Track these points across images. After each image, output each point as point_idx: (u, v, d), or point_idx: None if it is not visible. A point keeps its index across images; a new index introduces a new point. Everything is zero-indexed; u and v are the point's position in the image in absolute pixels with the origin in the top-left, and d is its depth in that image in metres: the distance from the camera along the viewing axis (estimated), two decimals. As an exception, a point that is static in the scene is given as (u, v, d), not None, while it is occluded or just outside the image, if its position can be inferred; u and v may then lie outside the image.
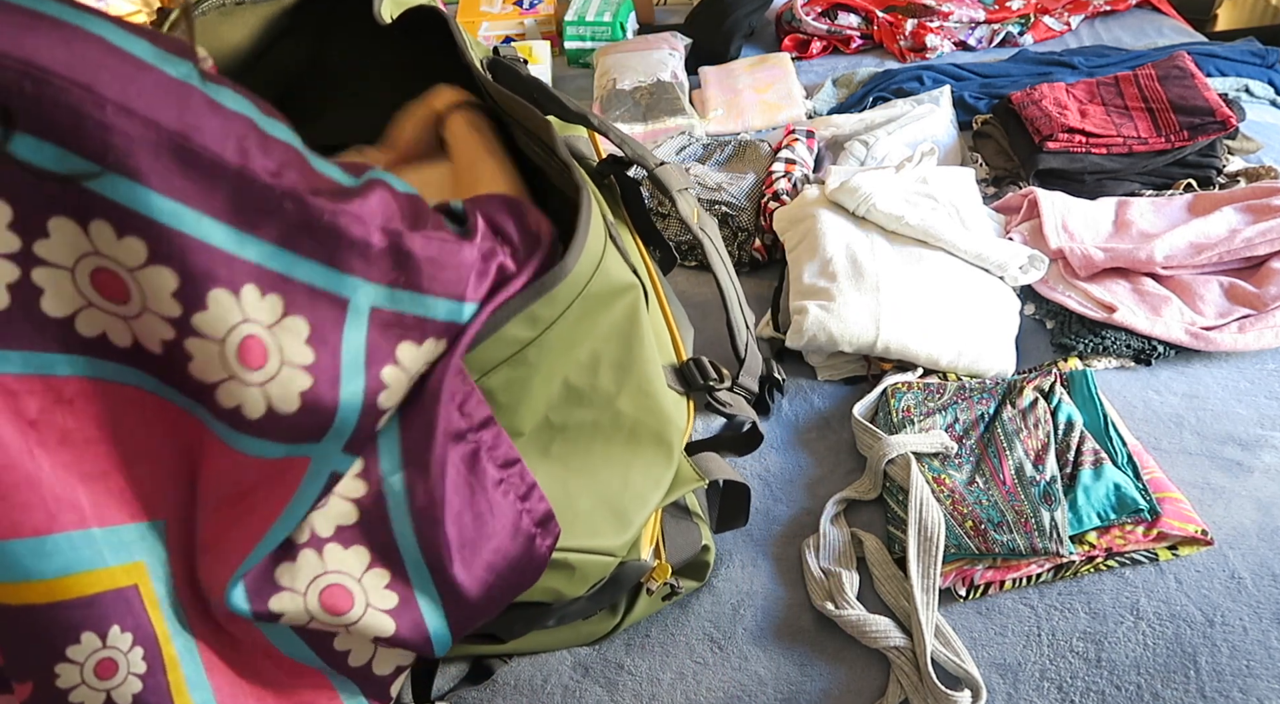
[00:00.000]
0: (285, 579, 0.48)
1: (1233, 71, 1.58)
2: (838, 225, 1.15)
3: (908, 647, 0.80)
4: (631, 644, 0.85)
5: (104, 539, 0.42)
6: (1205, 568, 0.84)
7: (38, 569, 0.40)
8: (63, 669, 0.42)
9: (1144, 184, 1.30)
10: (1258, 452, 0.95)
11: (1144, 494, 0.87)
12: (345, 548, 0.50)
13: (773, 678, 0.81)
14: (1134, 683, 0.77)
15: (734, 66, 1.83)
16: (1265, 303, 1.07)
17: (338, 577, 0.50)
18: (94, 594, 0.42)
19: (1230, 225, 1.15)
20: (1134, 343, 1.07)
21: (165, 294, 0.39)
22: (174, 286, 0.39)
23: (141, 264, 0.39)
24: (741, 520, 0.91)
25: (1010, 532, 0.85)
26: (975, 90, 1.60)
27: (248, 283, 0.41)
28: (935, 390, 1.02)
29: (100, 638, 0.43)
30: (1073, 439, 0.93)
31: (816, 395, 1.10)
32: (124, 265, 0.39)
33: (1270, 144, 1.38)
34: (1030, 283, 1.15)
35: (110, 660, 0.43)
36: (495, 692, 0.82)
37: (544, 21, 2.17)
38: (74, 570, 0.41)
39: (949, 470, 0.93)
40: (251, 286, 0.41)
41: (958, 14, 1.89)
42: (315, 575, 0.49)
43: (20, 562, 0.39)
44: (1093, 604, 0.83)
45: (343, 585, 0.50)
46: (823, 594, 0.86)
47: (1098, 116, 1.34)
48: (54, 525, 0.40)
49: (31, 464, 0.39)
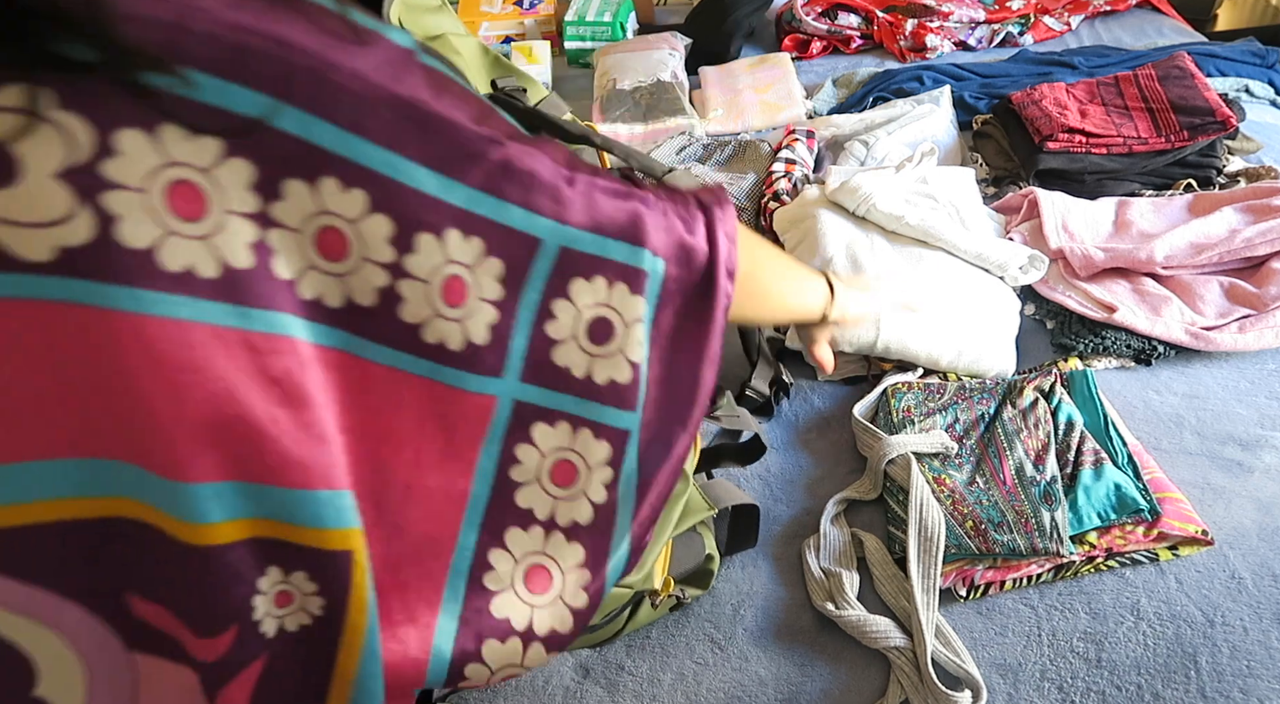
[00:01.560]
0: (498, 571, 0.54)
1: (1233, 71, 1.58)
2: (838, 225, 1.15)
3: (908, 647, 0.80)
4: (632, 645, 0.85)
5: (327, 502, 0.44)
6: (1205, 568, 0.84)
7: (248, 508, 0.42)
8: (258, 601, 0.45)
9: (1144, 184, 1.30)
10: (1258, 452, 0.95)
11: (1144, 494, 0.87)
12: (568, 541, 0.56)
13: (773, 678, 0.81)
14: (1134, 683, 0.77)
15: (734, 66, 1.83)
16: (1265, 303, 1.07)
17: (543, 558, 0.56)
18: (297, 543, 0.44)
19: (1230, 225, 1.15)
20: (1134, 343, 1.07)
21: (382, 241, 0.43)
22: (389, 233, 0.43)
23: (362, 214, 0.42)
24: (751, 541, 0.91)
25: (1010, 532, 0.85)
26: (975, 90, 1.60)
27: (451, 226, 0.45)
28: (935, 390, 1.02)
29: (284, 573, 0.45)
30: (1073, 439, 0.93)
31: (816, 395, 1.10)
32: (345, 217, 0.42)
33: (1270, 144, 1.38)
34: (1030, 283, 1.15)
35: (286, 593, 0.46)
36: (496, 692, 0.82)
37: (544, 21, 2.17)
38: (286, 521, 0.43)
39: (949, 470, 0.93)
40: (454, 229, 0.45)
41: (958, 14, 1.89)
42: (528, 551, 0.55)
43: (233, 502, 0.41)
44: (1093, 604, 0.83)
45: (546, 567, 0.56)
46: (823, 594, 0.86)
47: (1098, 116, 1.34)
48: (275, 479, 0.42)
49: (268, 419, 0.41)
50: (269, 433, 0.41)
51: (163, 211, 0.37)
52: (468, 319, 0.47)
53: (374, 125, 0.41)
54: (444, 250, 0.45)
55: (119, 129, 0.36)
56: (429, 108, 0.43)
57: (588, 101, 1.83)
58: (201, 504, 0.41)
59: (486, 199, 0.46)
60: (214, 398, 0.39)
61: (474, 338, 0.48)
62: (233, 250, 0.39)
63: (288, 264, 0.41)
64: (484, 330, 0.48)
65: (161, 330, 0.38)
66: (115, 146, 0.36)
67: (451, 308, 0.46)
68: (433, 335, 0.47)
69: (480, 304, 0.47)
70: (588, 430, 0.55)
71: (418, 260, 0.44)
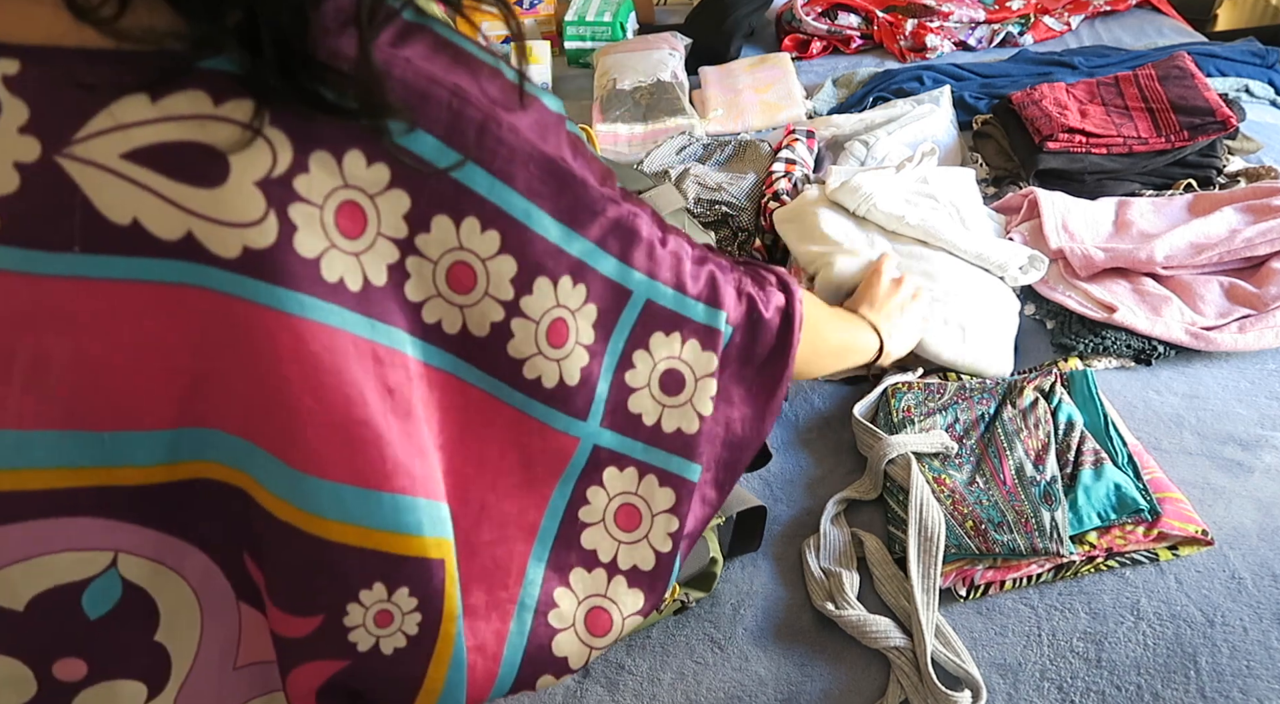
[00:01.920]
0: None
1: (1233, 71, 1.58)
2: (838, 225, 1.15)
3: (908, 647, 0.80)
4: (632, 645, 0.85)
5: (425, 510, 0.47)
6: (1205, 568, 0.84)
7: (362, 515, 0.45)
8: (353, 608, 0.47)
9: (1144, 184, 1.30)
10: (1258, 452, 0.95)
11: (1144, 494, 0.87)
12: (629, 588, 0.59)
13: (773, 678, 0.81)
14: (1134, 683, 0.77)
15: (734, 66, 1.83)
16: (1265, 303, 1.07)
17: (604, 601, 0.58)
18: (403, 555, 0.46)
19: (1230, 225, 1.15)
20: (1134, 343, 1.07)
21: (505, 280, 0.47)
22: (513, 273, 0.47)
23: (493, 254, 0.46)
24: (755, 544, 0.92)
25: (1010, 532, 0.85)
26: (975, 90, 1.60)
27: (565, 273, 0.49)
28: (935, 390, 1.02)
29: (388, 591, 0.47)
30: (1073, 439, 0.93)
31: (816, 395, 1.10)
32: (479, 255, 0.46)
33: (1270, 144, 1.38)
34: (1030, 283, 1.15)
35: (388, 613, 0.48)
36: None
37: (544, 21, 2.17)
38: (393, 529, 0.46)
39: (949, 470, 0.93)
40: (567, 276, 0.49)
41: (958, 14, 1.89)
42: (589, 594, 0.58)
43: (349, 505, 0.44)
44: (1093, 604, 0.83)
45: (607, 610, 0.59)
46: (823, 594, 0.86)
47: (1098, 116, 1.34)
48: (387, 484, 0.45)
49: (384, 425, 0.44)
50: (386, 438, 0.44)
51: (331, 227, 0.41)
52: (564, 360, 0.51)
53: (520, 176, 0.46)
54: (556, 294, 0.49)
55: (314, 150, 0.40)
56: (567, 166, 0.47)
57: (587, 101, 1.83)
58: (322, 498, 0.44)
59: (597, 252, 0.50)
60: (348, 401, 0.43)
61: (567, 379, 0.52)
62: (375, 269, 0.43)
63: (417, 288, 0.45)
64: (577, 372, 0.52)
65: (315, 333, 0.41)
66: (308, 165, 0.40)
67: (553, 348, 0.50)
68: (532, 371, 0.50)
69: (577, 347, 0.52)
70: (653, 477, 0.58)
71: (532, 301, 0.48)
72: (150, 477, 0.43)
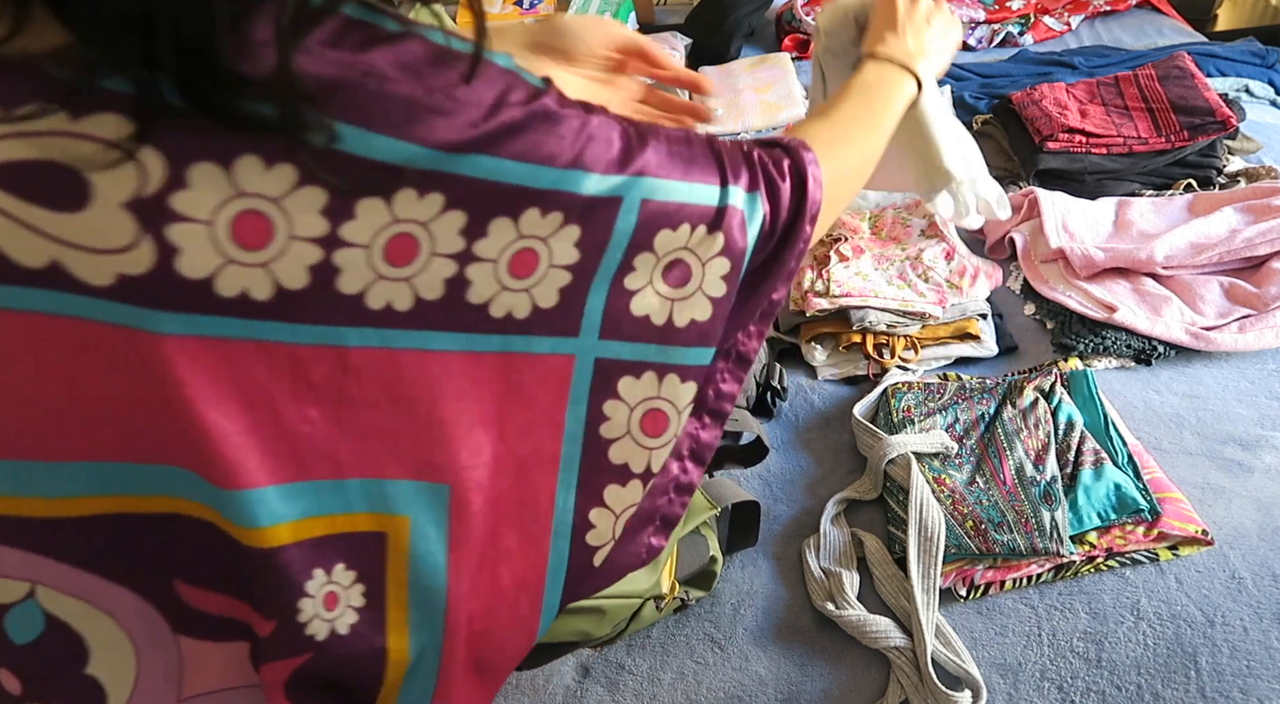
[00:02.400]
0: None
1: (1233, 71, 1.58)
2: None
3: (908, 647, 0.80)
4: (632, 645, 0.85)
5: (359, 489, 0.47)
6: (1205, 568, 0.84)
7: (285, 511, 0.45)
8: (304, 604, 0.47)
9: (1144, 184, 1.30)
10: (1258, 452, 0.95)
11: (1144, 494, 0.87)
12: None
13: (773, 678, 0.81)
14: (1134, 683, 0.77)
15: (734, 66, 1.83)
16: (1265, 303, 1.07)
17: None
18: (326, 535, 0.46)
19: (1230, 225, 1.15)
20: (1134, 343, 1.07)
21: (453, 233, 0.44)
22: (462, 224, 0.44)
23: (436, 214, 0.43)
24: (752, 539, 0.92)
25: (1010, 532, 0.85)
26: (975, 90, 1.60)
27: (530, 207, 0.45)
28: (935, 390, 1.02)
29: (326, 573, 0.47)
30: (1073, 439, 0.93)
31: (816, 395, 1.10)
32: (419, 220, 0.43)
33: (1270, 144, 1.38)
34: (974, 227, 0.99)
35: (333, 594, 0.48)
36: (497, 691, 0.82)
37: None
38: (318, 513, 0.46)
39: (949, 470, 0.93)
40: (533, 209, 0.45)
41: (958, 14, 1.89)
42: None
43: (273, 506, 0.44)
44: (1093, 604, 0.83)
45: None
46: (823, 594, 0.86)
47: (1098, 116, 1.34)
48: (304, 474, 0.45)
49: (298, 419, 0.44)
50: (300, 431, 0.44)
51: (226, 241, 0.38)
52: (535, 287, 0.48)
53: (464, 138, 0.42)
54: (518, 228, 0.46)
55: (195, 162, 0.37)
56: (514, 115, 0.44)
57: (588, 101, 1.83)
58: (252, 509, 0.43)
59: (568, 176, 0.46)
60: (251, 406, 0.42)
61: (542, 303, 0.49)
62: (291, 274, 0.41)
63: (351, 280, 0.42)
64: (554, 294, 0.49)
65: (212, 348, 0.40)
66: (186, 179, 0.37)
67: (518, 279, 0.47)
68: (499, 309, 0.48)
69: (551, 270, 0.48)
70: (674, 375, 0.56)
71: (487, 243, 0.45)
72: (61, 509, 0.42)
